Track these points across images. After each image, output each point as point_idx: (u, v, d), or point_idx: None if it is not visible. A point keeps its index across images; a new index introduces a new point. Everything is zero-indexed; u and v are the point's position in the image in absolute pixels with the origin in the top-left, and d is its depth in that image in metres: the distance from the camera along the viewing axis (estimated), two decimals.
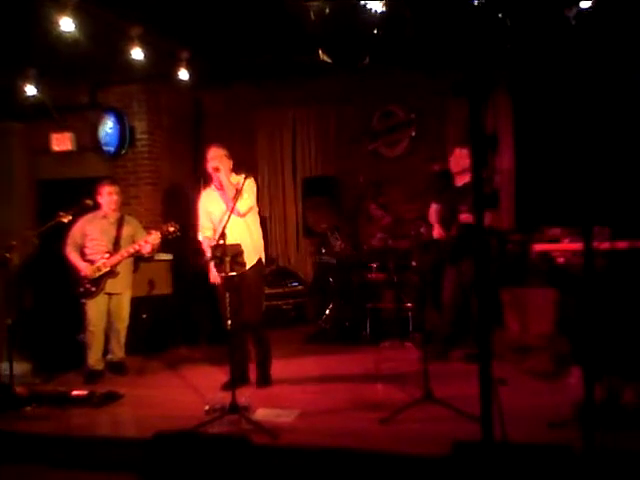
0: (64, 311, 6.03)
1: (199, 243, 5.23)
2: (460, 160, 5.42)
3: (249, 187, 4.98)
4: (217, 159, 4.99)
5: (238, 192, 4.70)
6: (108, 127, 7.51)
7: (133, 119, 7.57)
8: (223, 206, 4.98)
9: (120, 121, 7.49)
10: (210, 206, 5.10)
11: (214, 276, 4.99)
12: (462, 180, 5.46)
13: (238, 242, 4.52)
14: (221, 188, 5.01)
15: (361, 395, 4.70)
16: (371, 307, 6.64)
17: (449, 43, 5.25)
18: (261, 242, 5.20)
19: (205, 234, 5.13)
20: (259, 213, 5.29)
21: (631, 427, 3.54)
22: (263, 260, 5.21)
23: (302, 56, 6.12)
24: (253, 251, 5.01)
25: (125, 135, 7.53)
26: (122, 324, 5.70)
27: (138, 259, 5.83)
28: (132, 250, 5.50)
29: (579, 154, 2.41)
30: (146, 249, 5.50)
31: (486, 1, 3.85)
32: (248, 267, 4.87)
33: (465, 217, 5.19)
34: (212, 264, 4.94)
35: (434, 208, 5.61)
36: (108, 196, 5.60)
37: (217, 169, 4.95)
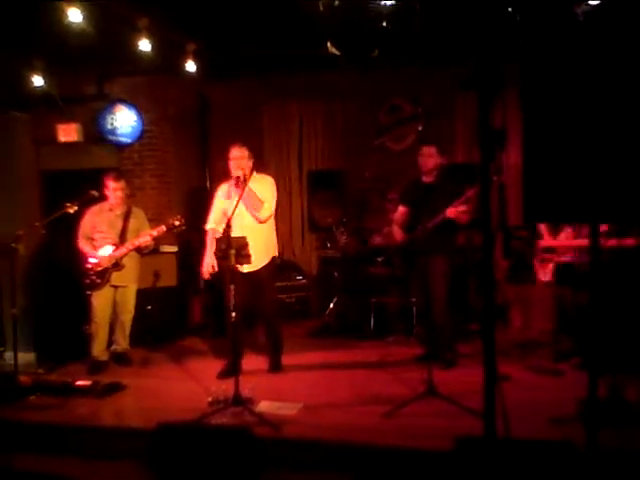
0: (70, 302, 6.04)
1: (204, 233, 5.25)
2: (429, 159, 5.17)
3: (271, 193, 5.07)
4: (238, 159, 4.97)
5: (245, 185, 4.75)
6: (132, 120, 7.51)
7: (139, 110, 7.57)
8: (240, 206, 4.79)
9: (139, 115, 7.52)
10: (225, 202, 5.09)
11: (206, 270, 5.09)
12: (428, 179, 5.23)
13: (251, 241, 4.49)
14: (240, 190, 4.84)
15: (364, 389, 4.71)
16: (376, 302, 6.62)
17: (458, 37, 5.21)
18: (274, 241, 5.29)
19: (211, 226, 5.16)
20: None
21: (634, 423, 3.53)
22: (276, 256, 5.32)
23: (310, 49, 6.08)
24: (265, 251, 5.10)
25: (143, 128, 7.57)
26: (127, 316, 5.72)
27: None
28: (137, 243, 5.51)
29: (589, 150, 2.39)
30: (150, 245, 5.59)
31: None
32: (261, 266, 4.96)
33: (451, 211, 4.91)
34: (206, 258, 5.04)
35: (400, 211, 5.40)
36: (113, 192, 5.62)
37: (239, 180, 4.94)
